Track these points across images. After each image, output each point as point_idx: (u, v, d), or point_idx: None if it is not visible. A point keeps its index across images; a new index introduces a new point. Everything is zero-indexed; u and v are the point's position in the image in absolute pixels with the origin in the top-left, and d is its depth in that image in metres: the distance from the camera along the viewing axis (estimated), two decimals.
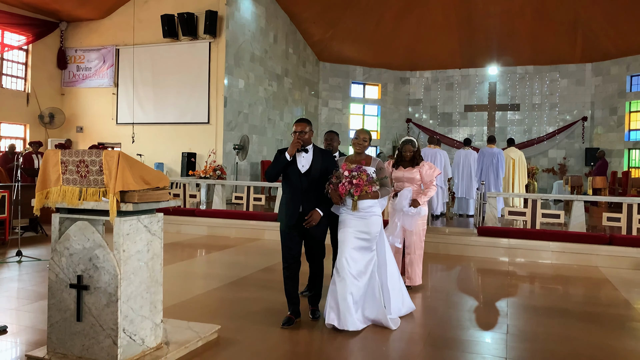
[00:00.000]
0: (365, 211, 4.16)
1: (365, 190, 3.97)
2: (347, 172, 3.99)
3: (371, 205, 4.18)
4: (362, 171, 4.00)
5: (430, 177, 5.33)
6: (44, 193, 3.25)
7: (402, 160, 5.46)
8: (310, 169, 4.13)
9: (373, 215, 4.18)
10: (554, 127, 17.11)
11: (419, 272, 5.48)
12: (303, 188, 4.12)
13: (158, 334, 3.42)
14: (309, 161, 4.16)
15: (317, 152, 4.24)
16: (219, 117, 13.04)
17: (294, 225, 4.12)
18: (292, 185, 4.17)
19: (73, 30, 14.61)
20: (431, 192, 5.34)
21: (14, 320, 4.19)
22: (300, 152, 4.17)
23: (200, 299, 5.06)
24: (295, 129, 4.17)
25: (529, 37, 15.88)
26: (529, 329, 4.36)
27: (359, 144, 4.36)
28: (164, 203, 3.35)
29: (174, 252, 7.49)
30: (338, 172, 4.04)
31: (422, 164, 5.39)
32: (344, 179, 3.98)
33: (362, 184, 3.95)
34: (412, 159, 5.38)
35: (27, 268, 6.22)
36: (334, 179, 4.02)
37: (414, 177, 5.36)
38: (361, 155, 4.38)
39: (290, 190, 4.20)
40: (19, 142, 13.72)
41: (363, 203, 4.12)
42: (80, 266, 3.18)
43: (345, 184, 3.96)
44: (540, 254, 7.44)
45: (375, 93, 18.77)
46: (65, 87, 14.73)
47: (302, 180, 4.13)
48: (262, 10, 14.48)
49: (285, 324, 4.12)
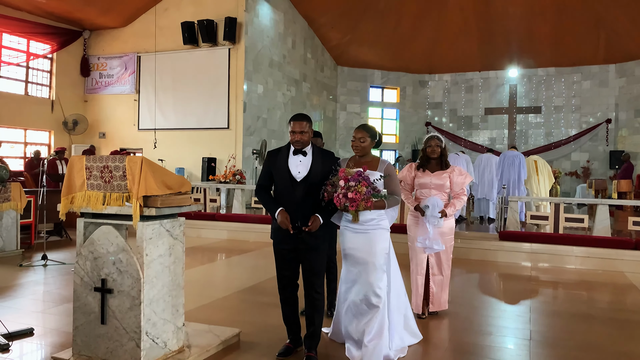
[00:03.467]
0: (368, 224, 3.47)
1: (362, 205, 3.24)
2: (343, 180, 3.25)
3: (375, 217, 3.48)
4: (362, 180, 3.23)
5: (461, 185, 4.46)
6: (69, 198, 3.32)
7: (427, 161, 4.54)
8: (309, 176, 3.40)
9: (378, 229, 3.48)
10: (576, 129, 16.83)
11: (445, 295, 4.64)
12: (298, 199, 3.37)
13: (180, 337, 3.45)
14: (307, 166, 3.42)
15: (317, 153, 3.49)
16: (239, 122, 13.15)
17: (287, 245, 3.43)
18: (285, 196, 3.41)
19: (96, 39, 14.90)
20: (460, 203, 4.46)
21: (39, 322, 4.28)
22: (296, 155, 3.45)
23: (220, 302, 5.09)
24: (294, 128, 3.41)
25: (549, 39, 15.67)
26: (553, 335, 4.28)
27: (356, 146, 3.62)
28: (185, 208, 3.40)
29: (194, 256, 7.57)
30: (334, 179, 3.31)
31: (451, 168, 4.50)
32: (339, 189, 3.25)
33: (358, 198, 3.20)
34: (441, 159, 4.48)
35: (53, 271, 6.35)
36: (329, 187, 3.32)
37: (444, 184, 4.44)
38: (366, 157, 3.63)
39: (282, 202, 3.42)
40: (43, 148, 14.03)
41: (366, 215, 3.45)
42: (105, 270, 3.23)
43: (340, 197, 3.23)
44: (564, 259, 7.31)
45: (394, 97, 18.72)
46: (88, 94, 15.02)
47: (297, 190, 3.38)
48: (281, 15, 14.58)
49: (281, 354, 3.53)
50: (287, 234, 3.39)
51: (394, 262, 3.72)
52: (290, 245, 3.42)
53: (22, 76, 13.66)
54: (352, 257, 3.52)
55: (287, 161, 3.45)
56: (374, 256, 3.45)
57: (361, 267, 3.48)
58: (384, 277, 3.49)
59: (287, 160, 3.45)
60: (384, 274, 3.49)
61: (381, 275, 3.48)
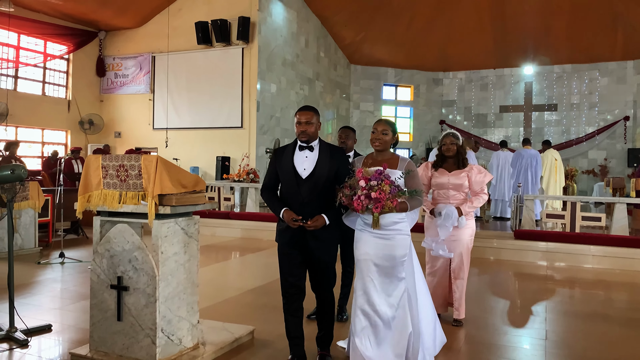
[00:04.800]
0: (390, 228, 3.18)
1: (388, 205, 2.98)
2: (363, 180, 3.00)
3: (398, 221, 3.20)
4: (385, 179, 3.00)
5: (481, 184, 4.24)
6: (86, 197, 3.36)
7: (444, 159, 4.34)
8: (315, 173, 3.19)
9: (399, 235, 3.20)
10: (593, 127, 16.59)
11: (463, 301, 4.40)
12: (303, 199, 3.18)
13: (195, 334, 3.48)
14: (313, 162, 3.21)
15: (325, 149, 3.27)
16: (252, 121, 13.20)
17: (294, 246, 3.25)
18: (290, 195, 3.23)
19: (111, 39, 15.06)
20: (479, 201, 4.23)
21: (57, 319, 4.34)
22: (302, 151, 3.26)
23: (234, 300, 5.13)
24: (299, 119, 3.22)
25: (565, 35, 15.46)
26: (569, 335, 4.24)
27: (377, 139, 3.31)
28: (200, 206, 3.42)
29: (209, 254, 7.62)
30: (352, 181, 3.06)
31: (469, 166, 4.28)
32: (359, 190, 2.99)
33: (384, 197, 2.95)
34: (457, 157, 4.26)
35: (70, 269, 6.44)
36: (346, 189, 3.06)
37: (462, 184, 4.21)
38: (384, 155, 3.34)
39: (287, 203, 3.25)
40: (60, 147, 14.22)
41: (386, 218, 3.16)
42: (121, 267, 3.27)
43: (362, 198, 2.98)
44: (580, 258, 7.22)
45: (408, 95, 18.63)
46: (104, 94, 15.19)
47: (303, 188, 3.18)
48: (294, 14, 14.59)
49: None
50: (292, 236, 3.22)
51: (417, 268, 3.42)
52: (296, 248, 3.23)
53: (40, 77, 13.86)
54: (367, 263, 3.20)
55: (292, 158, 3.26)
56: (391, 264, 3.18)
57: (376, 275, 3.20)
58: (400, 285, 3.21)
59: (292, 157, 3.26)
60: (400, 282, 3.21)
61: (398, 285, 3.20)
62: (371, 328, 3.18)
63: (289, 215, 3.18)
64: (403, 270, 3.22)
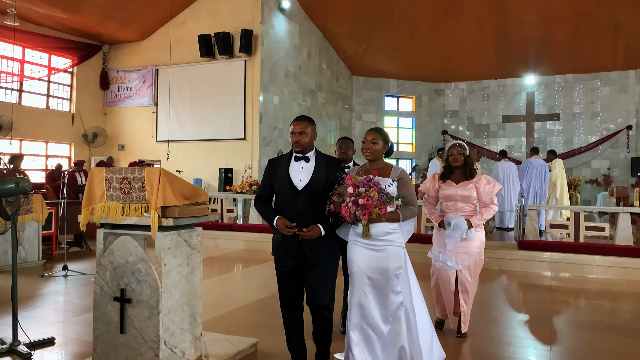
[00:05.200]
0: (382, 239, 3.10)
1: (375, 212, 2.93)
2: (351, 187, 2.95)
3: (390, 231, 3.12)
4: (373, 186, 2.95)
5: (490, 195, 4.14)
6: (90, 209, 3.37)
7: (451, 170, 4.25)
8: (310, 184, 3.13)
9: (391, 246, 3.11)
10: (596, 136, 16.58)
11: (469, 314, 4.34)
12: (299, 210, 3.11)
13: (198, 346, 3.47)
14: (309, 173, 3.16)
15: (321, 160, 3.22)
16: (255, 133, 13.25)
17: (290, 259, 3.17)
18: (286, 207, 3.17)
19: (115, 52, 15.19)
20: (489, 212, 4.13)
21: (60, 332, 4.34)
22: (298, 162, 3.22)
23: (237, 312, 5.11)
24: (293, 129, 3.20)
25: (567, 45, 15.52)
26: (574, 346, 4.21)
27: (367, 149, 3.27)
28: (203, 218, 3.43)
29: (212, 266, 7.61)
30: (341, 188, 3.03)
31: (477, 177, 4.19)
32: (347, 197, 2.96)
33: (370, 204, 2.90)
34: (465, 167, 4.19)
35: (73, 282, 6.44)
36: (335, 197, 3.03)
37: (470, 195, 4.14)
38: (377, 164, 3.30)
39: (282, 212, 3.18)
40: (64, 160, 14.29)
41: (377, 228, 3.08)
42: (124, 280, 3.27)
43: (349, 205, 2.93)
44: (585, 268, 7.18)
45: (410, 105, 18.69)
46: (108, 107, 15.28)
47: (299, 200, 3.12)
48: (296, 27, 14.70)
49: None
50: (288, 249, 3.15)
51: (413, 281, 3.30)
52: (292, 262, 3.16)
53: (44, 90, 13.97)
54: (360, 276, 3.13)
55: (287, 168, 3.20)
56: (385, 277, 3.10)
57: (370, 288, 3.11)
58: (396, 299, 3.12)
59: (287, 168, 3.21)
60: (396, 296, 3.12)
61: (394, 299, 3.12)
62: (365, 342, 3.12)
63: (283, 222, 3.10)
64: (398, 284, 3.12)
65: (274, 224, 3.16)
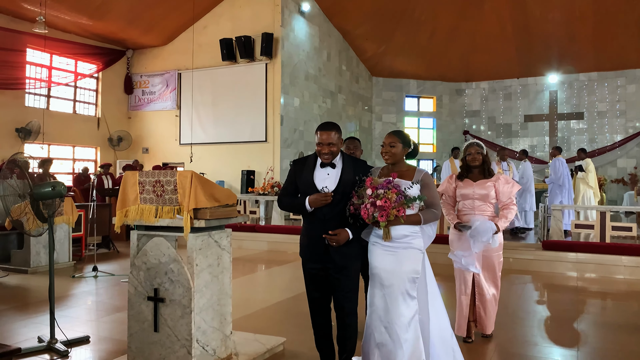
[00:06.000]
0: (400, 242, 3.07)
1: (393, 214, 2.92)
2: (370, 189, 2.97)
3: (408, 234, 3.07)
4: (392, 188, 2.95)
5: (509, 195, 4.04)
6: (124, 211, 3.48)
7: (468, 169, 4.18)
8: (337, 192, 3.10)
9: (409, 248, 3.06)
10: (622, 135, 16.29)
11: (494, 316, 4.21)
12: (324, 216, 3.12)
13: (228, 345, 3.56)
14: (336, 180, 3.13)
15: (348, 163, 3.19)
16: (276, 135, 13.38)
17: (316, 261, 3.19)
18: (311, 213, 3.16)
19: (138, 57, 15.49)
20: (511, 213, 4.02)
21: (94, 331, 4.48)
22: (324, 168, 3.18)
23: (264, 312, 5.20)
24: (321, 139, 3.12)
25: (591, 43, 15.29)
26: (601, 346, 4.18)
27: (386, 152, 3.23)
28: (232, 219, 3.52)
29: (236, 267, 7.72)
30: (360, 190, 3.04)
31: (496, 176, 4.10)
32: (366, 199, 2.96)
33: (388, 205, 2.89)
34: (483, 167, 4.11)
35: (103, 282, 6.62)
36: (355, 198, 3.04)
37: (488, 194, 4.03)
38: (399, 166, 3.24)
39: (308, 219, 3.21)
40: (90, 164, 14.62)
41: (397, 230, 3.06)
42: (157, 280, 3.38)
43: (368, 207, 2.93)
44: (612, 268, 7.09)
45: (430, 106, 18.62)
46: (132, 111, 15.60)
47: (325, 207, 3.09)
48: (316, 29, 14.79)
49: None
50: (314, 252, 3.16)
51: (433, 286, 3.21)
52: (318, 264, 3.16)
53: (71, 95, 14.33)
54: (378, 278, 3.11)
55: (312, 174, 3.17)
56: (400, 279, 3.04)
57: (386, 290, 3.08)
58: (411, 304, 3.05)
59: (312, 173, 3.17)
60: (412, 300, 3.05)
61: (410, 304, 3.05)
62: (381, 347, 3.08)
63: (315, 195, 3.07)
64: (414, 289, 3.07)
65: (307, 203, 3.10)
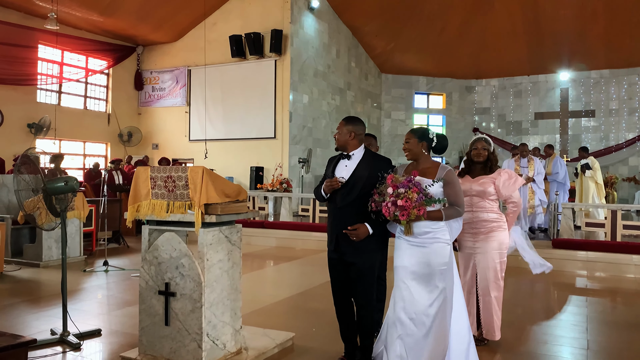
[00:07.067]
0: (424, 236, 3.10)
1: (414, 214, 2.95)
2: (391, 187, 2.98)
3: (431, 230, 3.10)
4: (413, 187, 2.95)
5: (510, 191, 3.82)
6: (136, 206, 3.52)
7: (471, 166, 4.02)
8: (349, 182, 3.23)
9: (436, 243, 3.10)
10: (634, 133, 16.13)
11: (497, 321, 3.93)
12: (337, 206, 3.29)
13: (238, 339, 3.59)
14: (350, 171, 3.28)
15: (367, 158, 3.32)
16: (285, 131, 13.40)
17: (336, 254, 3.33)
18: (329, 203, 3.39)
19: (148, 54, 15.57)
20: (515, 212, 3.91)
21: (105, 324, 4.53)
22: (343, 159, 3.38)
23: (273, 307, 5.23)
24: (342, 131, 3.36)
25: (602, 40, 15.14)
26: (611, 345, 4.17)
27: (404, 150, 3.34)
28: (242, 215, 3.55)
29: (245, 262, 7.75)
30: (382, 187, 3.06)
31: (498, 171, 3.89)
32: (387, 197, 2.99)
33: (409, 205, 2.91)
34: (486, 163, 3.92)
35: (114, 277, 6.68)
36: (376, 196, 3.09)
37: (485, 190, 3.82)
38: (423, 163, 3.27)
39: (328, 209, 3.43)
40: (101, 159, 14.74)
41: (419, 226, 3.10)
42: (168, 274, 3.41)
43: (389, 205, 2.97)
44: (622, 267, 7.05)
45: (440, 103, 18.55)
46: (142, 107, 15.69)
47: (338, 195, 3.27)
48: (325, 26, 14.78)
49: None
50: (330, 241, 3.33)
51: (456, 280, 3.21)
52: (334, 254, 3.33)
53: (81, 91, 14.43)
54: (405, 272, 3.14)
55: (335, 166, 3.41)
56: (429, 272, 3.09)
57: (413, 282, 3.12)
58: (438, 296, 3.09)
59: (335, 165, 3.41)
60: (439, 292, 3.09)
61: (437, 295, 3.09)
62: (406, 338, 3.09)
63: (327, 181, 3.30)
64: (442, 280, 3.08)
65: (322, 190, 3.34)
